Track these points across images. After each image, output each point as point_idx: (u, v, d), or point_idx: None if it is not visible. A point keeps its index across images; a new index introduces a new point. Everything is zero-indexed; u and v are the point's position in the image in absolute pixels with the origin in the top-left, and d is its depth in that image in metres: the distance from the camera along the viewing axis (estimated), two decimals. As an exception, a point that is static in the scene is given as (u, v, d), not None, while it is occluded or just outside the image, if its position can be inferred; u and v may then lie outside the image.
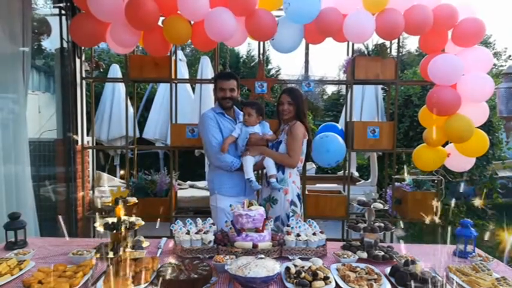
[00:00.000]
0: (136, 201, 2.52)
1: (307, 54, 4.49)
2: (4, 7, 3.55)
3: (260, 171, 3.82)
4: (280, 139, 3.34)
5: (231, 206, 2.67)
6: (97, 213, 3.02)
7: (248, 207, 2.59)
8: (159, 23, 3.60)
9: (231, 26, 3.42)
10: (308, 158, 3.59)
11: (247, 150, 3.32)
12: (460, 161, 3.88)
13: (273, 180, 3.24)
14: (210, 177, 3.58)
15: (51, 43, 4.65)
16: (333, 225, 4.67)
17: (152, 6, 3.34)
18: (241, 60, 11.77)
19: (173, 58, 4.46)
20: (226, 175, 3.39)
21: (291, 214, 3.21)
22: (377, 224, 2.61)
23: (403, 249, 2.51)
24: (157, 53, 3.87)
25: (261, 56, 4.53)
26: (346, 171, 4.68)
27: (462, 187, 6.47)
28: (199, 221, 2.67)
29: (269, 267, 2.04)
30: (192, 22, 3.62)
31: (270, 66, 11.80)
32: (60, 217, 3.83)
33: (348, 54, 4.66)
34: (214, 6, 3.42)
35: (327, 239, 2.58)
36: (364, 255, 2.43)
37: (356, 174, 7.00)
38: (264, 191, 3.40)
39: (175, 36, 3.56)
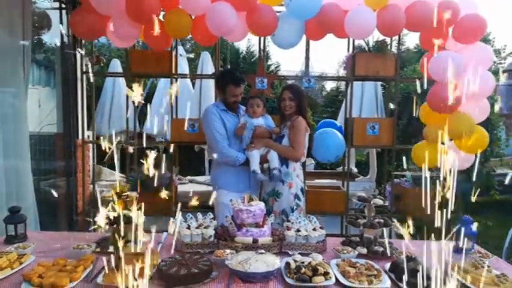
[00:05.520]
0: (137, 195, 2.52)
1: (307, 50, 4.47)
2: (4, 1, 3.53)
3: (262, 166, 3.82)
4: (283, 133, 3.37)
5: (231, 200, 2.67)
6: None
7: (248, 202, 2.60)
8: (160, 17, 3.59)
9: (232, 20, 3.41)
10: (309, 153, 3.61)
11: (252, 143, 3.34)
12: (459, 159, 3.87)
13: (275, 171, 3.26)
14: (214, 172, 3.58)
15: (51, 37, 4.63)
16: (331, 221, 4.68)
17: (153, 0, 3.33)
18: (241, 55, 11.75)
19: (174, 53, 4.45)
20: (230, 170, 3.39)
21: (295, 208, 3.25)
22: (376, 220, 2.62)
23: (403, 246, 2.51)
24: (158, 47, 3.86)
25: (261, 52, 4.53)
26: (346, 167, 4.69)
27: None
28: (199, 215, 2.68)
29: (269, 262, 2.05)
30: (193, 16, 3.62)
31: (269, 62, 11.76)
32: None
33: (348, 51, 4.65)
34: (215, 1, 3.41)
35: (327, 235, 2.59)
36: (364, 250, 2.44)
37: (355, 170, 7.01)
38: (267, 185, 3.42)
39: (176, 29, 3.55)
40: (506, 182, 1.63)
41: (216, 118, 3.36)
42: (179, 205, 1.74)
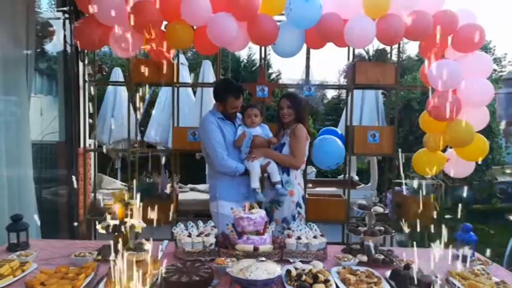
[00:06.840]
0: (139, 203, 2.53)
1: (308, 58, 4.50)
2: (8, 10, 3.57)
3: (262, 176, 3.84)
4: (283, 141, 3.38)
5: (232, 208, 2.68)
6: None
7: (249, 210, 2.61)
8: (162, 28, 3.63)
9: (233, 31, 3.43)
10: (308, 160, 3.62)
11: (251, 153, 3.33)
12: (459, 166, 3.88)
13: (278, 186, 3.27)
14: (212, 183, 3.54)
15: (54, 46, 4.67)
16: (332, 229, 4.68)
17: (155, 11, 3.36)
18: (242, 64, 11.80)
19: (175, 62, 4.48)
20: (229, 181, 3.35)
21: (296, 215, 3.26)
22: (377, 227, 2.63)
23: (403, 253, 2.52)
24: (160, 57, 3.88)
25: (262, 61, 4.56)
26: (347, 175, 4.70)
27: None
28: (200, 223, 2.69)
29: (270, 270, 2.05)
30: (195, 27, 3.65)
31: (270, 71, 11.81)
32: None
33: (348, 59, 4.68)
34: (216, 12, 3.44)
35: (328, 243, 2.59)
36: (365, 258, 2.45)
37: (356, 178, 7.02)
38: (268, 194, 3.42)
39: (177, 40, 3.58)
40: None
41: (214, 127, 3.31)
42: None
